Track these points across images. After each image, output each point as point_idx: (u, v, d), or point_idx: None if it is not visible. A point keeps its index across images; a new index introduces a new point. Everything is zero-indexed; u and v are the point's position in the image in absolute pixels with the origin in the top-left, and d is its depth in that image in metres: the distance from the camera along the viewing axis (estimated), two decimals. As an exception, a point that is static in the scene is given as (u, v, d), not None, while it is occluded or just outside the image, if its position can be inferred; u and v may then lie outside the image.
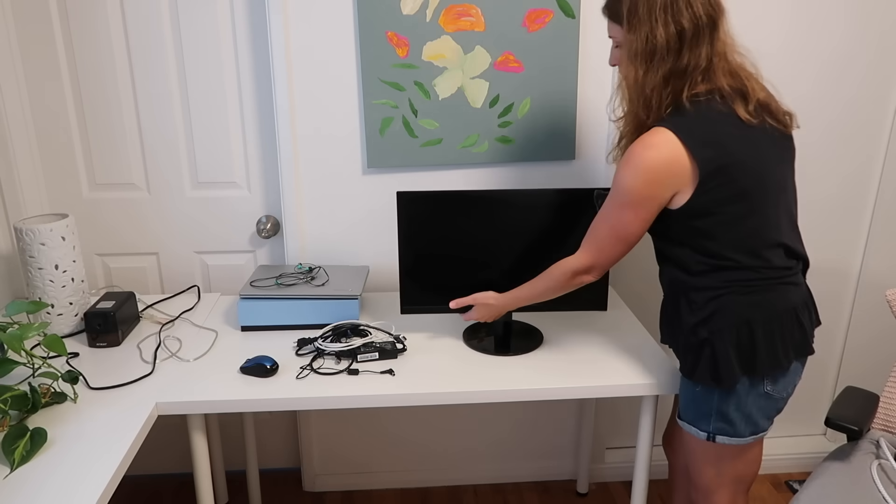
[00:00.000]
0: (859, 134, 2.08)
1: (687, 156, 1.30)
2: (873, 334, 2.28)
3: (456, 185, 2.03)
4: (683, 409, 1.50)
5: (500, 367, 1.62)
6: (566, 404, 2.33)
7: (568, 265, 1.48)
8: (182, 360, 1.65)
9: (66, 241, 1.72)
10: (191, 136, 2.02)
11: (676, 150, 1.30)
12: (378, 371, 1.59)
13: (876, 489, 1.50)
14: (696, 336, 1.41)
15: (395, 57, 1.88)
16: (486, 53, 1.89)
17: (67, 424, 1.39)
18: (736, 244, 1.35)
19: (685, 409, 1.49)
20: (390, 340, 1.68)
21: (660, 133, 1.31)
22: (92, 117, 1.99)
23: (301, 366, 1.62)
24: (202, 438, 1.56)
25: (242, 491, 2.31)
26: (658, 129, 1.32)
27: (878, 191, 2.14)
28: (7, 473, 1.24)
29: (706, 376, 1.40)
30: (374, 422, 2.31)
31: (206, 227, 2.11)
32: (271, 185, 2.08)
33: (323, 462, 2.35)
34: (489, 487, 2.39)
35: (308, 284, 1.83)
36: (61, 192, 2.06)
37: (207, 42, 1.93)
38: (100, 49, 1.93)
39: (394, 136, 1.95)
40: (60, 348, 1.46)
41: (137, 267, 2.15)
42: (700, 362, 1.41)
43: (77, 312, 1.77)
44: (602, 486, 2.39)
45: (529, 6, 1.85)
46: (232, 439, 2.35)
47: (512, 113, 1.95)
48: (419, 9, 1.84)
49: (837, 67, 2.01)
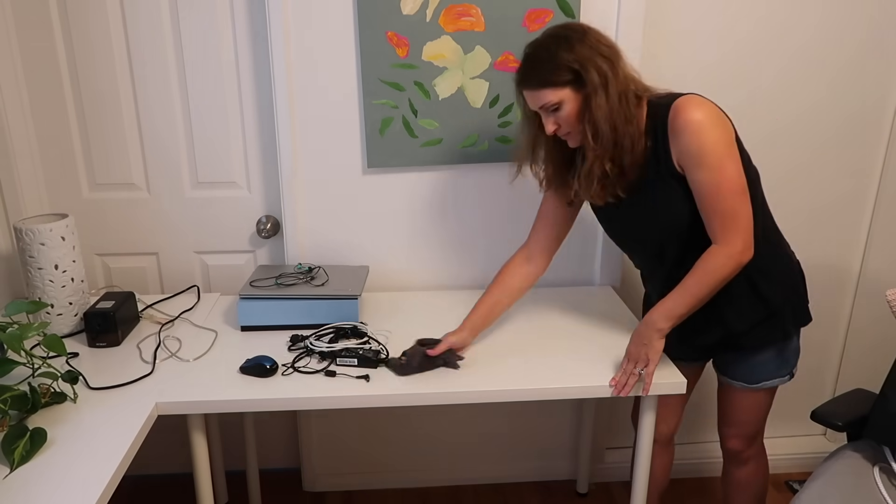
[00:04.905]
0: (859, 134, 2.08)
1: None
2: (873, 334, 2.28)
3: (456, 184, 2.03)
4: (758, 372, 1.65)
5: (494, 366, 1.62)
6: (566, 404, 2.32)
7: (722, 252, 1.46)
8: (182, 360, 1.65)
9: (66, 241, 1.72)
10: (191, 136, 2.02)
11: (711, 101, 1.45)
12: (354, 376, 1.58)
13: (877, 490, 1.50)
14: (779, 298, 1.57)
15: (395, 57, 1.88)
16: (486, 53, 1.89)
17: (67, 424, 1.39)
18: (764, 209, 1.54)
19: (760, 371, 1.65)
20: (377, 350, 1.65)
21: (685, 97, 1.43)
22: (92, 117, 1.99)
23: (284, 363, 1.62)
24: (202, 438, 1.56)
25: (242, 491, 2.31)
26: (682, 99, 1.43)
27: (878, 191, 2.14)
28: (7, 473, 1.24)
29: (792, 328, 1.63)
30: (375, 422, 2.31)
31: (206, 227, 2.11)
32: (271, 185, 2.08)
33: (323, 462, 2.35)
34: (489, 487, 2.39)
35: (308, 284, 1.83)
36: (61, 192, 2.06)
37: (207, 42, 1.93)
38: (100, 49, 1.92)
39: (394, 136, 1.95)
40: (60, 348, 1.46)
41: (137, 267, 2.15)
42: (786, 318, 1.60)
43: (77, 312, 1.77)
44: (602, 486, 2.39)
45: (529, 6, 1.85)
46: (232, 439, 2.35)
47: (512, 113, 1.95)
48: (419, 9, 1.84)
49: (837, 68, 2.01)
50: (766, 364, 1.65)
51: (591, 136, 1.43)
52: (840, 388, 2.36)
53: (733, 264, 1.46)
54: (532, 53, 1.46)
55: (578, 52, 1.40)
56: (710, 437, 2.37)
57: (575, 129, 1.47)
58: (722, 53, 1.97)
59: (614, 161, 1.47)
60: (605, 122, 1.41)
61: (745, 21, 1.94)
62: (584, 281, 2.16)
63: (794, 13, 1.95)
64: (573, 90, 1.42)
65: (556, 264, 2.13)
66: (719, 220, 1.45)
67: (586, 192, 1.53)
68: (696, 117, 1.39)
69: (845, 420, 1.65)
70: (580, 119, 1.44)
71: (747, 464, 1.79)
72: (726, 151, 1.41)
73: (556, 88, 1.42)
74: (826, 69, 2.01)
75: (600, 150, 1.45)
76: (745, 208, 1.45)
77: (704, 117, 1.40)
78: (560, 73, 1.41)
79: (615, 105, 1.41)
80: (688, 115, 1.40)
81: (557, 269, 2.14)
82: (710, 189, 1.43)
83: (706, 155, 1.41)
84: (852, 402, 1.70)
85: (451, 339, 1.64)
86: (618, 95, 1.41)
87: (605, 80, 1.40)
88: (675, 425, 1.87)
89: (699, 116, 1.39)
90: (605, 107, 1.41)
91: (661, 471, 1.94)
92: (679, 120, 1.41)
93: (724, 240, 1.45)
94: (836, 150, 2.09)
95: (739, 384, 1.68)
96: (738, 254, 1.45)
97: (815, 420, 1.67)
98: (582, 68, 1.40)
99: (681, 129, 1.41)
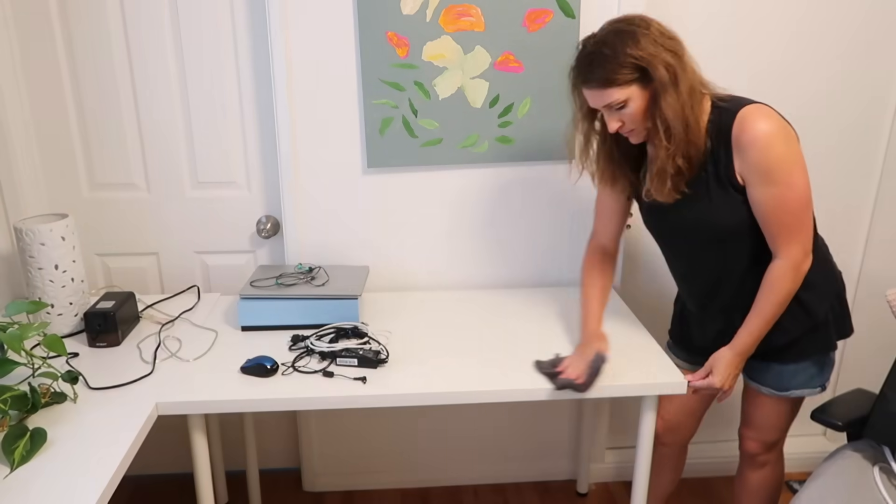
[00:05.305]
0: (859, 134, 2.08)
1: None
2: (873, 334, 2.28)
3: (456, 184, 2.03)
4: (789, 380, 1.62)
5: (493, 366, 1.62)
6: (566, 404, 2.32)
7: (786, 265, 1.46)
8: (182, 360, 1.65)
9: (66, 241, 1.72)
10: (191, 136, 2.02)
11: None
12: (352, 377, 1.58)
13: (877, 490, 1.50)
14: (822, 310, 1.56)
15: (395, 57, 1.88)
16: (486, 53, 1.89)
17: (67, 424, 1.39)
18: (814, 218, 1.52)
19: (791, 380, 1.62)
20: (377, 350, 1.65)
21: (750, 108, 1.40)
22: (92, 117, 1.99)
23: (283, 362, 1.62)
24: (202, 438, 1.56)
25: (242, 491, 2.31)
26: (747, 110, 1.40)
27: (877, 191, 2.14)
28: (7, 473, 1.24)
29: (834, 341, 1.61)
30: (375, 422, 2.31)
31: (206, 227, 2.11)
32: (271, 185, 2.08)
33: (323, 462, 2.35)
34: (489, 487, 2.39)
35: (308, 284, 1.83)
36: (61, 192, 2.06)
37: (207, 42, 1.93)
38: (100, 49, 1.92)
39: (394, 136, 1.95)
40: (60, 348, 1.46)
41: (137, 267, 2.15)
42: (829, 330, 1.59)
43: (77, 312, 1.77)
44: (602, 486, 2.39)
45: (529, 6, 1.85)
46: (232, 439, 2.35)
47: (512, 113, 1.95)
48: (419, 9, 1.84)
49: (837, 67, 2.01)
50: (799, 373, 1.62)
51: (663, 134, 1.40)
52: (840, 388, 2.36)
53: (797, 275, 1.46)
54: (594, 51, 1.39)
55: (644, 48, 1.35)
56: (711, 438, 2.37)
57: (640, 126, 1.44)
58: (722, 54, 1.97)
59: (685, 157, 1.43)
60: (677, 119, 1.38)
61: (745, 21, 1.94)
62: (584, 281, 2.16)
63: (795, 13, 1.95)
64: (640, 87, 1.38)
65: (556, 264, 2.14)
66: (785, 232, 1.43)
67: (659, 191, 1.48)
68: (763, 133, 1.36)
69: (845, 420, 1.65)
70: (646, 116, 1.41)
71: (763, 468, 1.77)
72: (795, 165, 1.39)
73: (621, 87, 1.38)
74: (826, 70, 2.01)
75: (673, 147, 1.41)
76: (809, 219, 1.44)
77: (772, 132, 1.36)
78: (626, 71, 1.36)
79: (685, 101, 1.37)
80: (755, 132, 1.37)
81: (557, 269, 2.14)
82: (777, 203, 1.40)
83: (774, 172, 1.38)
84: (852, 402, 1.70)
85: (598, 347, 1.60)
86: (687, 91, 1.38)
87: (674, 75, 1.36)
88: (694, 431, 1.88)
89: (766, 131, 1.36)
90: (676, 103, 1.37)
91: (674, 476, 1.94)
92: (746, 136, 1.38)
93: (786, 252, 1.44)
94: (835, 150, 2.09)
95: (767, 390, 1.65)
96: (800, 262, 1.45)
97: (815, 420, 1.67)
98: (649, 65, 1.35)
99: (748, 145, 1.38)
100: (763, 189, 1.40)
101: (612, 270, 1.78)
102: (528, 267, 2.13)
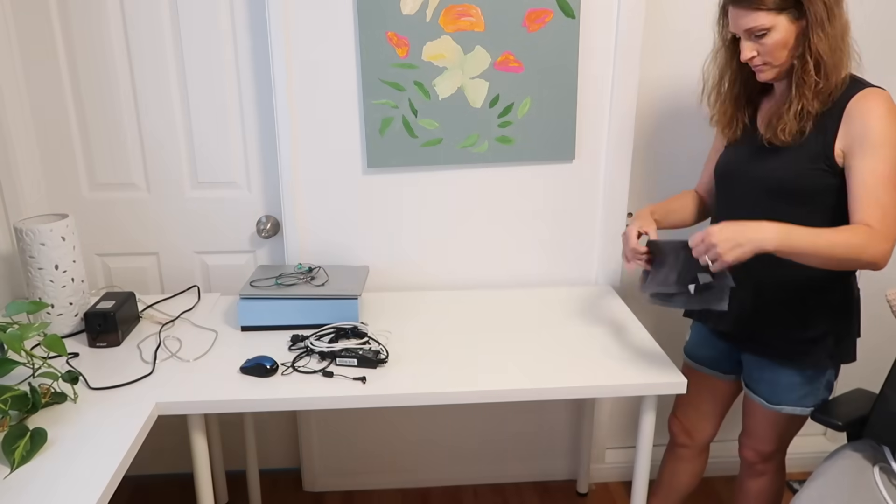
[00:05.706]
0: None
1: None
2: (873, 334, 2.28)
3: (456, 184, 2.03)
4: (779, 394, 1.61)
5: (492, 366, 1.62)
6: (566, 404, 2.33)
7: (867, 230, 1.34)
8: (182, 360, 1.65)
9: (66, 241, 1.72)
10: (191, 136, 2.02)
11: None
12: (351, 377, 1.58)
13: (877, 490, 1.50)
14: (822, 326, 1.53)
15: (395, 57, 1.88)
16: (486, 53, 1.89)
17: (67, 424, 1.39)
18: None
19: (781, 395, 1.60)
20: (377, 350, 1.65)
21: (877, 88, 1.38)
22: (92, 117, 1.99)
23: (283, 362, 1.62)
24: (202, 438, 1.56)
25: (242, 491, 2.31)
26: (873, 88, 1.38)
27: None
28: (7, 473, 1.24)
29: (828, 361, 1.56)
30: (375, 422, 2.31)
31: (206, 227, 2.11)
32: (271, 185, 2.08)
33: (323, 462, 2.35)
34: (489, 487, 2.39)
35: (308, 284, 1.83)
36: (61, 192, 2.06)
37: (207, 42, 1.93)
38: (100, 49, 1.93)
39: (394, 136, 1.95)
40: (60, 348, 1.46)
41: (137, 267, 2.15)
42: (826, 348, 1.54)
43: (77, 312, 1.77)
44: (602, 486, 2.39)
45: (529, 6, 1.85)
46: (232, 439, 2.35)
47: (512, 113, 1.95)
48: (419, 9, 1.84)
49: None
50: (789, 388, 1.61)
51: (812, 69, 1.35)
52: (840, 388, 2.36)
53: (866, 244, 1.32)
54: None
55: None
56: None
57: (775, 60, 1.39)
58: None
59: (822, 101, 1.39)
60: (829, 55, 1.34)
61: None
62: (584, 281, 2.16)
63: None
64: (788, 19, 1.34)
65: (556, 264, 2.14)
66: (880, 212, 1.33)
67: (791, 131, 1.41)
68: (882, 107, 1.34)
69: (845, 420, 1.64)
70: (787, 51, 1.37)
71: (761, 477, 1.76)
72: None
73: (769, 12, 1.34)
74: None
75: (822, 82, 1.36)
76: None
77: (890, 110, 1.34)
78: None
79: (838, 42, 1.33)
80: (875, 102, 1.35)
81: (557, 268, 2.14)
82: (878, 179, 1.34)
83: (882, 145, 1.33)
84: (852, 402, 1.70)
85: (648, 225, 1.58)
86: (840, 34, 1.34)
87: (831, 12, 1.32)
88: (712, 434, 1.86)
89: (886, 107, 1.34)
90: (827, 42, 1.33)
91: (691, 477, 1.92)
92: (863, 103, 1.36)
93: (881, 233, 1.33)
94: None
95: (759, 400, 1.66)
96: (880, 254, 1.33)
97: (815, 420, 1.67)
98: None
99: (862, 112, 1.35)
100: (866, 161, 1.35)
101: (697, 207, 1.74)
102: (528, 267, 2.13)
